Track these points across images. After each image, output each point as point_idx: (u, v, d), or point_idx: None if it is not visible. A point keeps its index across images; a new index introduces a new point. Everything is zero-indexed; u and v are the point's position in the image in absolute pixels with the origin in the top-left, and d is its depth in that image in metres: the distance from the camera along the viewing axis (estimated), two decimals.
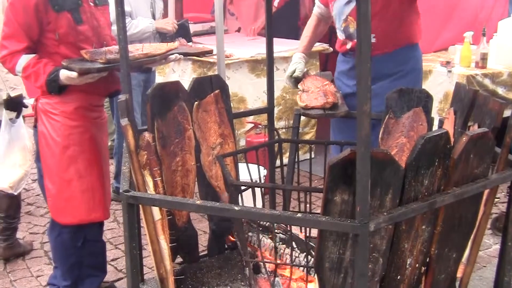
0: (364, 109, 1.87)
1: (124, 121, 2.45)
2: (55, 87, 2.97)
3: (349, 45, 3.39)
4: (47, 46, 3.00)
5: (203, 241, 3.93)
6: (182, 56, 3.21)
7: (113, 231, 4.60)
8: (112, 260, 4.15)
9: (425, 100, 2.92)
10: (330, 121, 3.63)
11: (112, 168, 5.80)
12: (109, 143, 6.14)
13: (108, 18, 3.27)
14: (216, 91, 3.03)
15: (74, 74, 2.88)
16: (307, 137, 5.80)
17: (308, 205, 2.96)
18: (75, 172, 3.08)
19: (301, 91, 3.22)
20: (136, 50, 3.08)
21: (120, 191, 2.35)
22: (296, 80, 3.40)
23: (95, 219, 3.18)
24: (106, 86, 3.16)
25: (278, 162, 3.39)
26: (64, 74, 2.92)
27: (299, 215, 2.10)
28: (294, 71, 3.41)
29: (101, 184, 3.17)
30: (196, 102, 2.96)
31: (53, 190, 3.12)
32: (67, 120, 3.05)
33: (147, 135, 2.67)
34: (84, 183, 3.10)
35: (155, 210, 2.53)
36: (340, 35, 3.42)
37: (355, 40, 3.26)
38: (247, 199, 2.78)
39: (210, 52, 3.46)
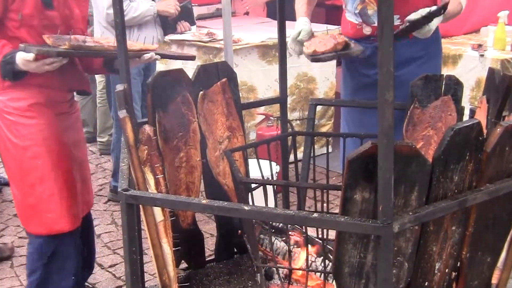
0: (387, 97, 1.86)
1: (122, 113, 2.45)
2: (9, 72, 2.89)
3: (367, 30, 3.37)
4: (7, 29, 2.95)
5: (210, 244, 3.95)
6: (159, 56, 3.19)
7: (111, 235, 4.63)
8: (110, 266, 4.18)
9: (455, 88, 2.91)
10: (341, 112, 3.63)
11: (109, 165, 5.85)
12: (106, 138, 6.20)
13: (84, 12, 3.21)
14: (223, 80, 3.03)
15: (31, 55, 2.81)
16: (324, 129, 5.81)
17: (325, 204, 2.95)
18: (37, 176, 3.01)
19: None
20: (107, 42, 3.02)
21: (119, 190, 2.36)
22: (302, 44, 3.36)
23: (62, 230, 3.08)
24: (68, 81, 3.09)
25: (292, 157, 3.39)
26: (20, 57, 2.84)
27: (315, 215, 2.10)
28: (299, 33, 3.39)
29: (68, 188, 3.09)
30: (201, 92, 2.96)
31: (18, 196, 3.06)
32: (22, 119, 2.99)
33: (147, 129, 2.68)
34: (48, 188, 3.03)
35: (157, 211, 2.54)
36: (354, 19, 3.40)
37: (375, 25, 3.26)
38: (258, 198, 2.79)
39: (192, 59, 3.50)
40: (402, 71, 3.24)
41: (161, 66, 5.64)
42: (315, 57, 3.09)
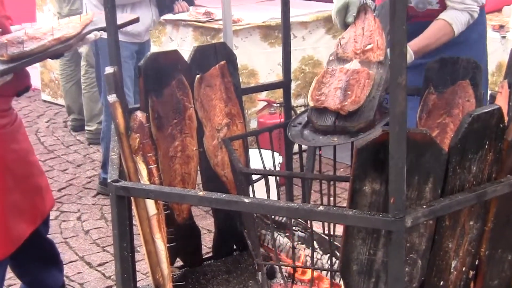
0: (399, 81, 1.86)
1: (112, 98, 2.45)
2: None
3: None
4: None
5: (207, 241, 3.96)
6: (103, 32, 3.00)
7: (100, 231, 4.64)
8: (99, 265, 4.19)
9: (473, 71, 2.89)
10: None
11: (98, 156, 5.85)
12: (95, 127, 6.20)
13: None
14: (222, 62, 3.02)
15: None
16: None
17: (332, 198, 2.95)
18: None
19: (321, 76, 2.83)
20: (43, 35, 2.85)
21: (108, 181, 2.36)
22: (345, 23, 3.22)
23: None
24: (15, 84, 2.90)
25: (296, 147, 3.38)
26: None
27: (321, 208, 2.10)
28: (347, 5, 3.18)
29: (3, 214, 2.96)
30: (198, 76, 2.96)
31: None
32: None
33: (139, 115, 2.68)
34: None
35: (150, 204, 2.54)
36: None
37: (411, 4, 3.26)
38: (259, 192, 2.79)
39: (136, 21, 3.23)
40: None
41: (155, 48, 5.63)
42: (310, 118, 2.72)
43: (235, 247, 3.23)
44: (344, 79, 2.67)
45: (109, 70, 2.55)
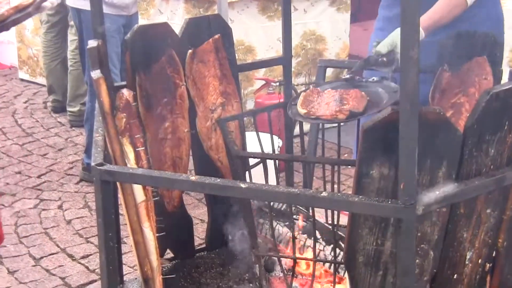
0: (411, 54, 1.85)
1: (96, 74, 2.44)
2: None
3: None
4: None
5: (200, 231, 3.96)
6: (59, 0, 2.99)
7: (84, 220, 4.64)
8: (83, 257, 4.19)
9: (491, 47, 2.89)
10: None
11: (82, 139, 5.84)
12: (77, 108, 6.19)
13: None
14: (216, 36, 3.01)
15: None
16: None
17: (336, 185, 2.95)
18: None
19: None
20: None
21: (92, 164, 2.35)
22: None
23: None
24: None
25: (297, 130, 3.38)
26: None
27: (324, 194, 2.09)
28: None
29: None
30: (190, 51, 2.95)
31: None
32: None
33: (126, 93, 2.66)
34: None
35: (138, 190, 2.53)
36: None
37: None
38: (257, 177, 2.78)
39: None
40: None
41: (142, 21, 5.61)
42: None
43: (230, 237, 3.23)
44: (336, 95, 2.72)
45: (92, 43, 2.53)
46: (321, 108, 2.65)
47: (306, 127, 3.36)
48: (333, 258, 2.61)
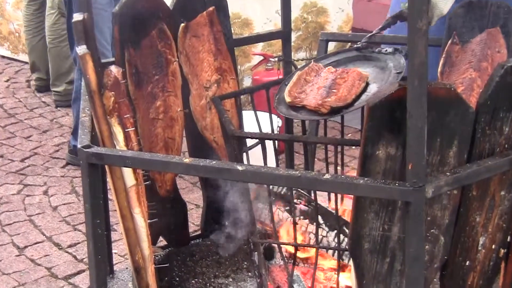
0: (419, 26, 1.84)
1: (82, 49, 2.43)
2: None
3: None
4: None
5: (195, 217, 3.96)
6: None
7: (71, 207, 4.64)
8: (70, 246, 4.19)
9: (505, 17, 2.88)
10: None
11: (68, 120, 5.84)
12: (63, 87, 6.18)
13: None
14: (210, 9, 3.01)
15: None
16: None
17: (339, 167, 2.95)
18: None
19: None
20: None
21: (78, 146, 2.35)
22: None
23: None
24: None
25: None
26: None
27: (327, 176, 2.09)
28: None
29: None
30: (182, 24, 2.94)
31: None
32: None
33: (114, 70, 2.65)
34: None
35: (128, 173, 2.53)
36: None
37: None
38: (255, 159, 2.77)
39: None
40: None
41: None
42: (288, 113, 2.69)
43: (226, 224, 3.23)
44: (330, 78, 2.67)
45: (77, 17, 2.52)
46: (311, 94, 2.62)
47: None
48: (337, 245, 2.60)
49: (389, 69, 2.70)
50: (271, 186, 2.77)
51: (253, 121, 3.07)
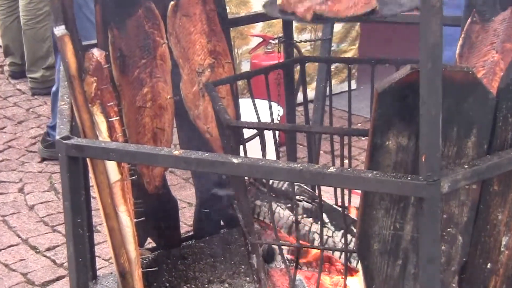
0: (433, 3, 1.85)
1: (60, 30, 2.43)
2: None
3: None
4: None
5: (187, 217, 3.97)
6: None
7: (49, 206, 4.65)
8: (48, 249, 4.20)
9: None
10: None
11: (46, 110, 5.84)
12: (40, 73, 6.18)
13: None
14: None
15: None
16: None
17: (346, 159, 2.96)
18: None
19: None
20: None
21: (57, 138, 2.35)
22: None
23: None
24: None
25: (300, 97, 3.38)
26: None
27: (332, 169, 2.10)
28: None
29: None
30: (172, 2, 2.96)
31: None
32: None
33: (97, 53, 2.66)
34: None
35: (112, 167, 2.54)
36: None
37: None
38: (253, 153, 2.78)
39: None
40: None
41: None
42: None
43: (222, 223, 3.24)
44: None
45: None
46: (307, 1, 2.51)
47: (311, 93, 3.36)
48: (343, 246, 2.61)
49: None
50: (270, 181, 2.78)
51: (251, 109, 3.08)
